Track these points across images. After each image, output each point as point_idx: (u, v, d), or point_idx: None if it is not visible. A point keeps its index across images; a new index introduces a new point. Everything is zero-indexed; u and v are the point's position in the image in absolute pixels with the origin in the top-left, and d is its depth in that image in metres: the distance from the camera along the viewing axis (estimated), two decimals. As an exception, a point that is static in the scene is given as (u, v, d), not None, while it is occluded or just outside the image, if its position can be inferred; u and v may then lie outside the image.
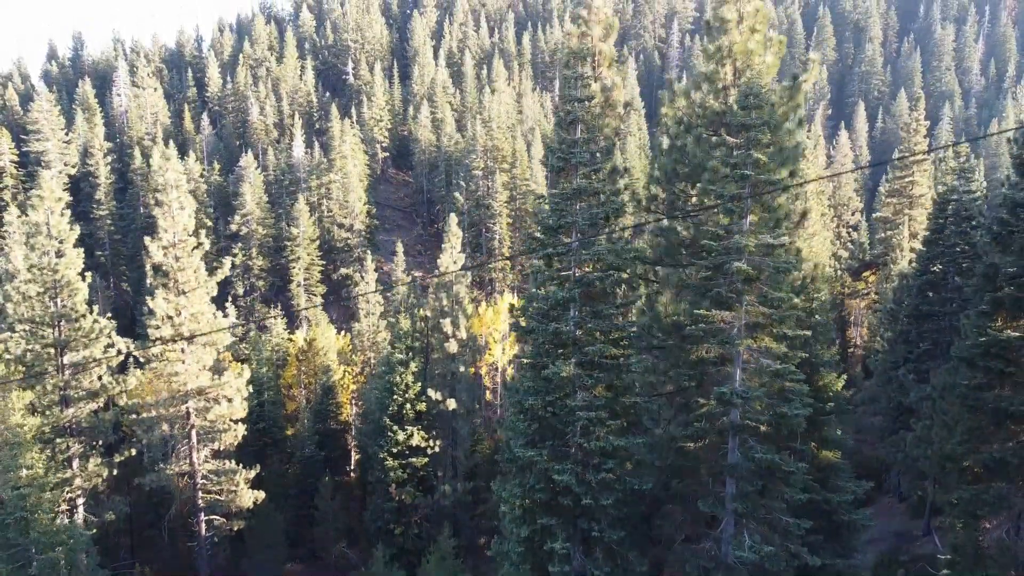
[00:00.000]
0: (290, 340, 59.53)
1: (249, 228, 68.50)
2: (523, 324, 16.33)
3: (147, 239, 31.80)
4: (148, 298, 31.65)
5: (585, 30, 16.86)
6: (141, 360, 35.03)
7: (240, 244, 68.85)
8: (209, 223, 75.33)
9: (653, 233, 17.34)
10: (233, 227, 69.32)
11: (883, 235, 51.39)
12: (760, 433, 13.95)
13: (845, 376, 58.89)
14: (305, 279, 67.75)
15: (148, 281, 34.04)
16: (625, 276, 15.49)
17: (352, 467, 51.80)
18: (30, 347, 32.33)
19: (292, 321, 67.69)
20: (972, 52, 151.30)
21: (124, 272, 74.95)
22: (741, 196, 13.58)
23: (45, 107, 78.42)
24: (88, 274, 34.47)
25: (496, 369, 61.07)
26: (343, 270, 72.51)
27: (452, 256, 38.35)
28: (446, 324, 37.37)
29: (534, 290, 15.99)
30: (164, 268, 32.20)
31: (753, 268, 13.64)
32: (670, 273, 16.09)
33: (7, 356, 32.57)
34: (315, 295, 69.02)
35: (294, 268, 67.46)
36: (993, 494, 18.33)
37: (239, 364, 54.87)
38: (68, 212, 33.40)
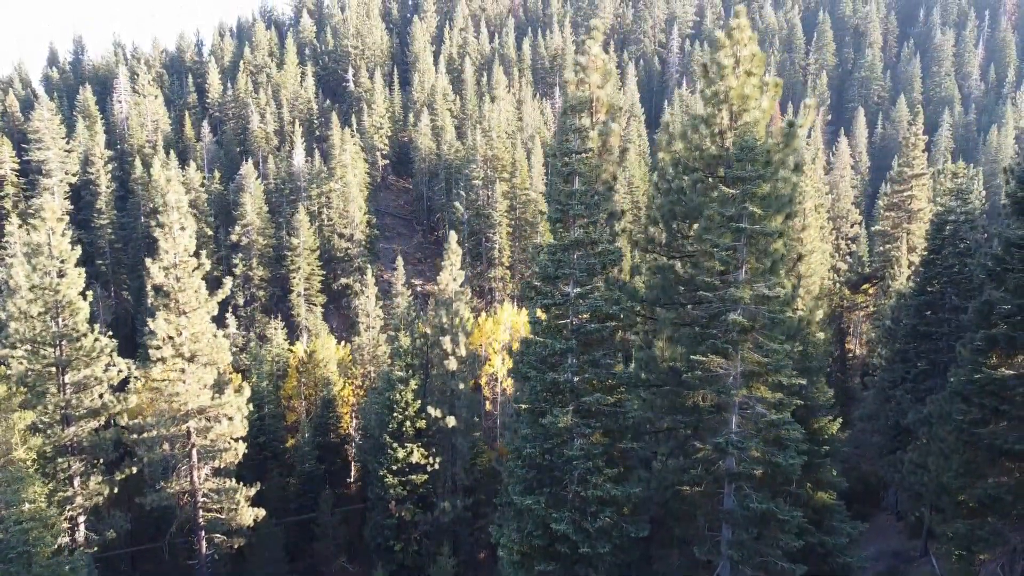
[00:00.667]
0: (290, 351, 59.70)
1: (249, 239, 68.64)
2: (522, 370, 16.49)
3: (148, 260, 31.97)
4: (149, 319, 31.79)
5: (583, 77, 17.00)
6: (142, 379, 35.22)
7: (240, 255, 68.99)
8: (210, 232, 75.52)
9: (650, 271, 17.48)
10: (234, 238, 69.45)
11: (881, 248, 51.52)
12: (756, 479, 14.10)
13: (844, 384, 58.54)
14: (305, 289, 67.89)
15: (149, 301, 34.18)
16: (622, 322, 15.62)
17: (352, 478, 51.98)
18: (32, 367, 32.53)
19: (292, 331, 67.83)
20: (972, 57, 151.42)
21: (125, 281, 75.06)
22: (736, 248, 13.74)
23: (46, 116, 78.55)
24: (89, 293, 34.66)
25: (496, 379, 61.20)
26: (343, 280, 72.66)
27: (452, 273, 38.49)
28: (446, 342, 37.52)
29: (532, 336, 16.15)
30: (165, 289, 32.37)
31: (749, 318, 13.80)
32: (667, 317, 16.24)
33: (9, 374, 32.79)
34: (315, 305, 69.15)
35: (294, 278, 67.59)
36: (988, 530, 18.45)
37: (239, 376, 55.13)
38: (69, 232, 33.55)
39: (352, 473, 51.63)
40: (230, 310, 64.77)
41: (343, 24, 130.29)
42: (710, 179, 16.38)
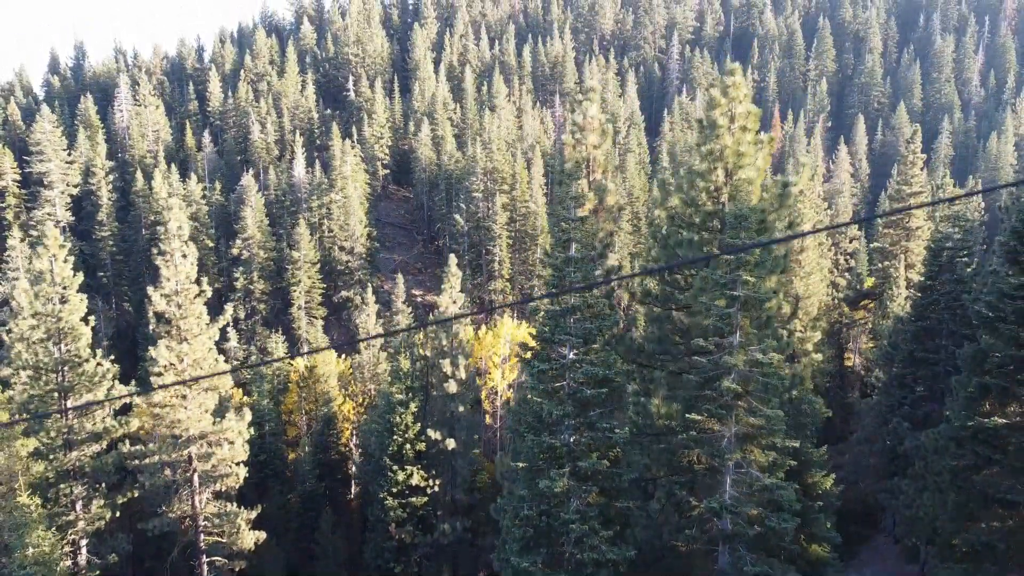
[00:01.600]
0: (291, 365, 59.89)
1: (250, 252, 68.89)
2: (520, 430, 16.68)
3: (150, 288, 32.17)
4: (151, 348, 32.01)
5: (580, 138, 17.18)
6: (144, 404, 35.40)
7: (241, 268, 69.23)
8: (210, 243, 75.76)
9: (648, 321, 17.68)
10: (235, 251, 69.69)
11: (880, 266, 51.71)
12: (750, 539, 14.28)
13: (844, 400, 58.54)
14: (306, 302, 68.12)
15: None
16: (618, 382, 15.80)
17: (353, 495, 52.17)
18: (35, 392, 32.78)
19: (293, 344, 68.03)
20: (972, 63, 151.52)
21: (126, 292, 75.31)
22: (731, 315, 13.94)
23: (47, 128, 78.86)
24: (91, 318, 34.91)
25: (496, 392, 61.40)
26: (344, 293, 72.90)
27: (451, 296, 38.66)
28: (445, 364, 37.72)
29: (529, 396, 16.34)
30: (167, 316, 32.58)
31: (742, 384, 14.00)
32: (662, 375, 16.43)
33: (12, 398, 33.06)
34: (316, 318, 69.38)
35: (295, 291, 67.82)
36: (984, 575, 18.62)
37: (240, 390, 55.37)
38: (71, 259, 33.72)
39: (352, 489, 51.85)
40: (231, 324, 64.93)
41: (343, 32, 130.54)
42: (705, 233, 16.59)
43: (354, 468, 47.19)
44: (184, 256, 32.64)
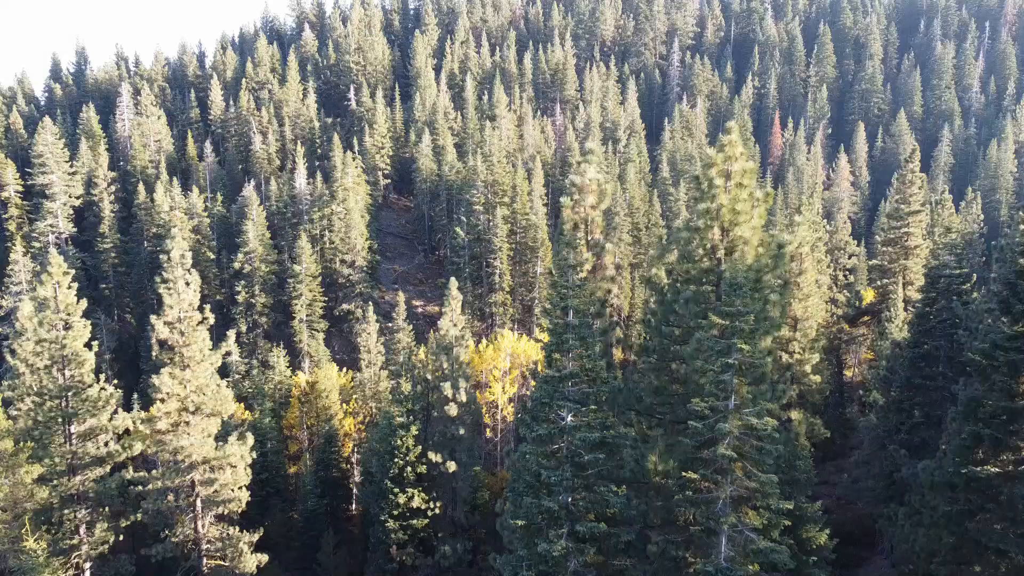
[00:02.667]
0: (292, 379, 60.17)
1: (252, 266, 69.19)
2: (518, 488, 16.93)
3: (153, 317, 32.43)
4: (154, 376, 32.30)
5: (578, 199, 17.45)
6: (147, 431, 35.64)
7: (243, 282, 69.53)
8: (212, 255, 76.05)
9: (645, 371, 17.95)
10: (236, 265, 69.99)
11: (879, 283, 51.94)
12: (745, 599, 14.59)
13: (843, 416, 58.72)
14: (308, 315, 68.41)
15: (153, 354, 34.67)
16: (616, 443, 16.05)
17: (354, 511, 52.43)
18: (38, 418, 33.07)
19: (295, 357, 68.31)
20: (972, 69, 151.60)
21: (128, 304, 75.61)
22: (726, 381, 14.22)
23: (50, 140, 79.15)
24: (94, 331, 35.25)
25: (496, 406, 61.69)
26: (345, 306, 73.21)
27: (452, 319, 38.93)
28: (446, 387, 38.00)
29: (527, 457, 16.57)
30: (170, 343, 32.84)
31: (738, 447, 14.26)
32: (658, 433, 16.69)
33: (16, 423, 33.37)
34: (317, 331, 69.64)
35: (296, 304, 68.11)
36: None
37: (242, 405, 55.59)
38: (75, 286, 33.99)
39: (353, 504, 52.13)
40: (233, 337, 65.20)
41: (345, 39, 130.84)
42: (702, 287, 16.85)
43: (356, 491, 47.46)
44: (187, 284, 32.90)
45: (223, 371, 50.29)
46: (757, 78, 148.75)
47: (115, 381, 66.42)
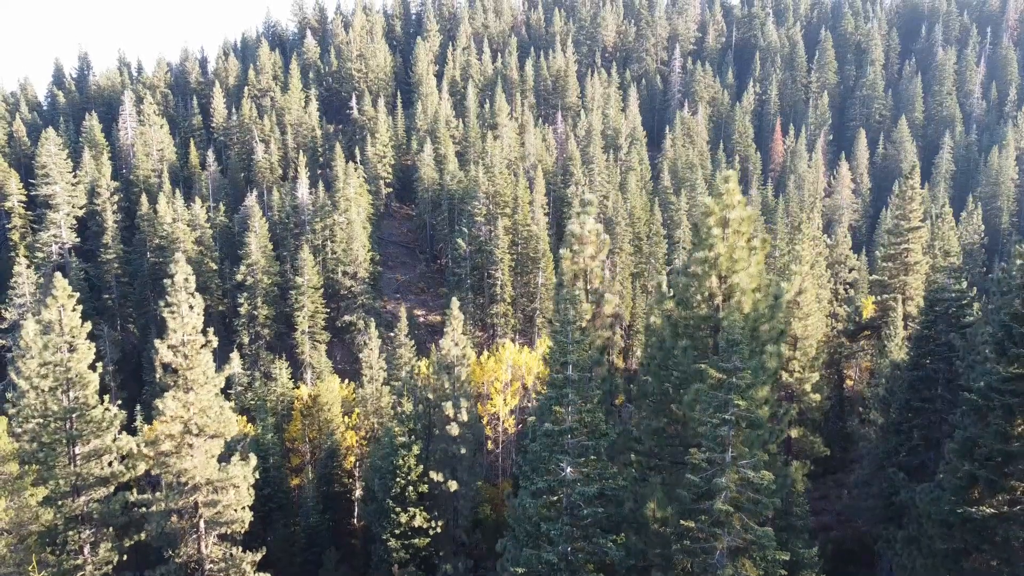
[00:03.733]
0: (295, 391, 60.42)
1: (254, 278, 69.49)
2: (518, 536, 17.15)
3: (157, 341, 32.69)
4: (158, 400, 32.56)
5: (577, 249, 17.68)
6: (151, 452, 35.91)
7: (246, 294, 69.83)
8: (214, 266, 76.32)
9: (644, 414, 18.16)
10: (239, 277, 70.29)
11: (879, 298, 52.11)
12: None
13: (844, 430, 58.87)
14: (310, 327, 68.69)
15: (157, 375, 34.93)
16: (616, 496, 16.26)
17: (356, 521, 52.67)
18: (45, 439, 33.37)
19: (297, 368, 68.57)
20: (973, 75, 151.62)
21: (131, 315, 75.91)
22: (723, 436, 14.45)
23: (53, 151, 79.47)
24: (99, 362, 35.56)
25: (498, 418, 61.92)
26: (347, 317, 73.51)
27: (454, 338, 39.15)
28: (447, 407, 38.23)
29: (527, 507, 16.77)
30: (173, 366, 33.09)
31: (735, 500, 14.48)
32: (656, 480, 16.93)
33: (23, 446, 33.68)
34: (319, 342, 69.94)
35: (299, 316, 68.40)
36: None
37: (244, 419, 55.78)
38: (80, 307, 34.27)
39: (356, 517, 52.38)
40: (235, 349, 65.49)
41: (347, 46, 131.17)
42: (700, 334, 17.06)
43: (357, 509, 47.70)
44: (191, 307, 33.15)
45: (226, 384, 50.56)
46: (758, 84, 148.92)
47: (119, 393, 66.71)
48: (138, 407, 61.68)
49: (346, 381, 62.94)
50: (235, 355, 35.21)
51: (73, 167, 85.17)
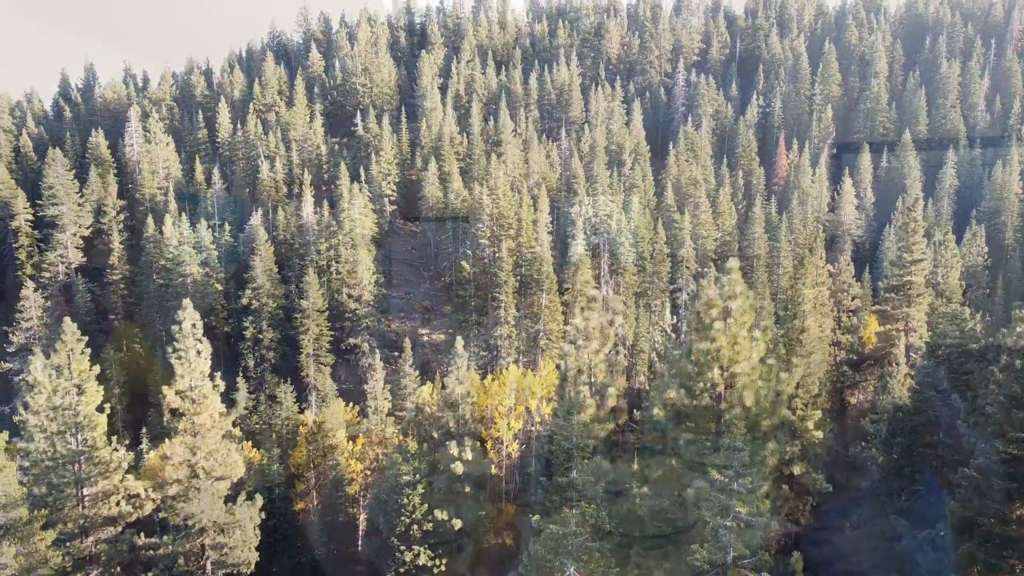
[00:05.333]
0: (300, 416, 60.73)
1: (260, 301, 69.89)
2: None
3: (165, 387, 33.08)
4: (166, 442, 32.94)
5: (581, 344, 18.00)
6: (157, 495, 36.29)
7: (251, 317, 70.23)
8: (219, 287, 76.70)
9: (648, 495, 18.47)
10: (244, 301, 70.73)
11: (882, 329, 52.30)
12: None
13: (846, 459, 59.04)
14: (315, 349, 69.05)
15: (165, 419, 35.30)
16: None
17: (360, 548, 52.94)
18: (54, 481, 33.76)
19: (301, 391, 68.88)
20: (977, 88, 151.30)
21: (137, 335, 76.27)
22: (724, 539, 14.74)
23: (60, 171, 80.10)
24: (107, 407, 35.97)
25: (501, 443, 62.13)
26: (351, 340, 73.86)
27: (458, 376, 39.42)
28: (452, 446, 38.50)
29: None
30: (181, 411, 33.48)
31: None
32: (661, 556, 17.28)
33: (32, 489, 34.10)
34: (324, 364, 70.29)
35: (304, 339, 68.77)
36: None
37: (249, 443, 56.05)
38: (88, 350, 34.65)
39: (360, 546, 52.69)
40: (240, 373, 65.85)
41: (352, 59, 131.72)
42: (703, 424, 17.37)
43: (361, 541, 47.98)
44: (198, 352, 33.55)
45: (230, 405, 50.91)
46: (762, 97, 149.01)
47: (124, 415, 67.11)
48: (144, 429, 62.13)
49: (351, 404, 63.24)
50: (241, 381, 35.43)
51: (79, 186, 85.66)
